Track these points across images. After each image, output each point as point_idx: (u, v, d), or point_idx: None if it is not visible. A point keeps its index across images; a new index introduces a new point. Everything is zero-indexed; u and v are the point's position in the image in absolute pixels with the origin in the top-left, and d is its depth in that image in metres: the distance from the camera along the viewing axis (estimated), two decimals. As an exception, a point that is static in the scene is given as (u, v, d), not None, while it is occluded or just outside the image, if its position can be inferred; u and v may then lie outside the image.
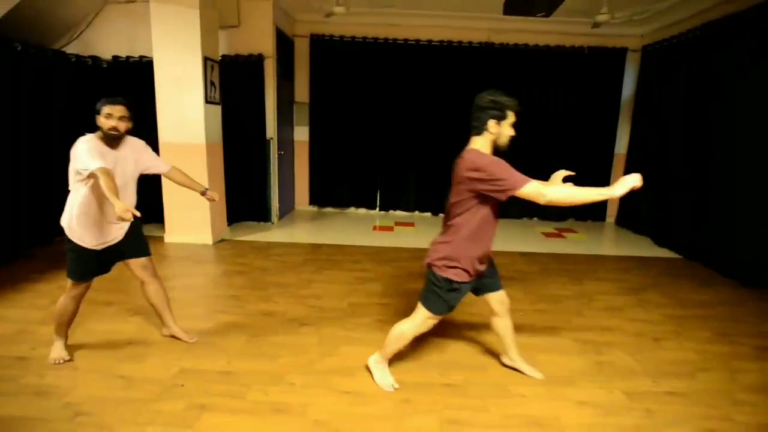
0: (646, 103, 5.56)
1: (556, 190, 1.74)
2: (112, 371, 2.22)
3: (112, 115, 2.12)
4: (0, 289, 3.14)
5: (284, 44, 5.56)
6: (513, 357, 2.33)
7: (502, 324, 2.26)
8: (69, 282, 2.23)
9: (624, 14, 4.70)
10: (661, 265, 4.32)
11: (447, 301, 1.99)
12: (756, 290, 3.64)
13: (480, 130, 1.88)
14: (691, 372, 2.40)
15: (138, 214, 1.86)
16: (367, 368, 2.25)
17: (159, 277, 2.48)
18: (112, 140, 2.16)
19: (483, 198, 1.85)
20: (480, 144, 1.90)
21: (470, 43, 5.77)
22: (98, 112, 2.13)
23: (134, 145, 2.31)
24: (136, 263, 2.39)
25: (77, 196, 2.13)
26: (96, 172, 1.93)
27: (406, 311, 2.99)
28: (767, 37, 3.73)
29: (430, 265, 1.99)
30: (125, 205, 1.82)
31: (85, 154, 2.00)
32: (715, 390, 2.24)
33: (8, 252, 3.81)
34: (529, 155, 5.93)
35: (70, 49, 4.91)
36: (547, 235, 5.47)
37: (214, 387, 2.12)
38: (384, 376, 2.17)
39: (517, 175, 1.75)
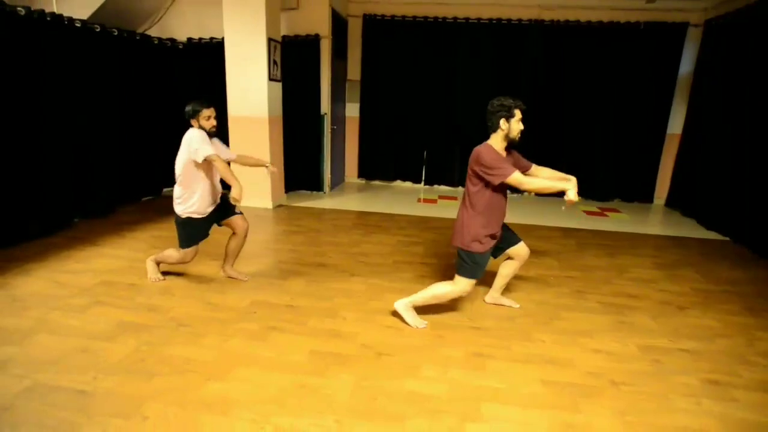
0: (707, 81, 5.35)
1: (532, 180, 2.29)
2: (202, 299, 2.75)
3: (211, 117, 2.67)
4: (107, 235, 3.83)
5: (339, 24, 5.89)
6: (496, 296, 2.82)
7: (513, 267, 2.71)
8: (181, 251, 2.84)
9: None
10: (703, 246, 4.33)
11: (479, 265, 2.39)
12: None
13: (494, 128, 2.34)
14: (710, 336, 2.57)
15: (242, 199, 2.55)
16: (395, 312, 2.58)
17: (246, 235, 3.01)
18: (210, 137, 2.71)
19: (488, 182, 2.30)
20: (495, 139, 2.35)
21: (519, 20, 5.80)
22: (194, 115, 2.65)
23: (215, 140, 2.83)
24: (236, 219, 2.95)
25: (198, 179, 2.68)
26: (213, 158, 2.55)
27: (446, 270, 3.35)
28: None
29: (457, 248, 2.42)
30: (241, 188, 2.51)
31: (201, 141, 2.58)
32: (729, 352, 2.41)
33: (107, 206, 4.54)
34: (576, 133, 5.98)
35: (151, 32, 5.55)
36: (590, 213, 5.53)
37: (281, 315, 2.60)
38: (415, 318, 2.53)
39: (507, 168, 2.24)
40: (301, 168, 5.80)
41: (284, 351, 2.24)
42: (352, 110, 6.56)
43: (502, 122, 2.29)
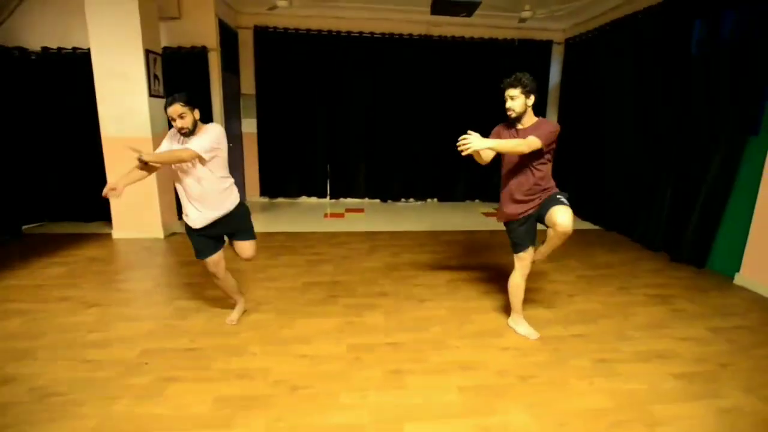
0: (570, 90, 6.16)
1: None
2: (78, 357, 2.32)
3: (174, 119, 2.29)
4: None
5: (228, 36, 5.57)
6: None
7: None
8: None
9: (544, 11, 5.18)
10: (583, 236, 4.91)
11: (512, 234, 2.72)
12: (655, 252, 4.29)
13: None
14: (594, 318, 2.89)
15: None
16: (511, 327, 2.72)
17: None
18: (186, 136, 2.36)
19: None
20: None
21: (410, 35, 6.07)
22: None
23: (193, 137, 2.40)
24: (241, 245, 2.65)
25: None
26: None
27: (359, 287, 3.30)
28: (648, 37, 4.34)
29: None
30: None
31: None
32: (610, 330, 2.72)
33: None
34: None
35: (-7, 40, 4.67)
36: (488, 215, 5.96)
37: (179, 362, 2.30)
38: (526, 328, 2.64)
39: None
40: (196, 190, 5.32)
41: (184, 404, 1.97)
42: (249, 126, 6.25)
43: None
